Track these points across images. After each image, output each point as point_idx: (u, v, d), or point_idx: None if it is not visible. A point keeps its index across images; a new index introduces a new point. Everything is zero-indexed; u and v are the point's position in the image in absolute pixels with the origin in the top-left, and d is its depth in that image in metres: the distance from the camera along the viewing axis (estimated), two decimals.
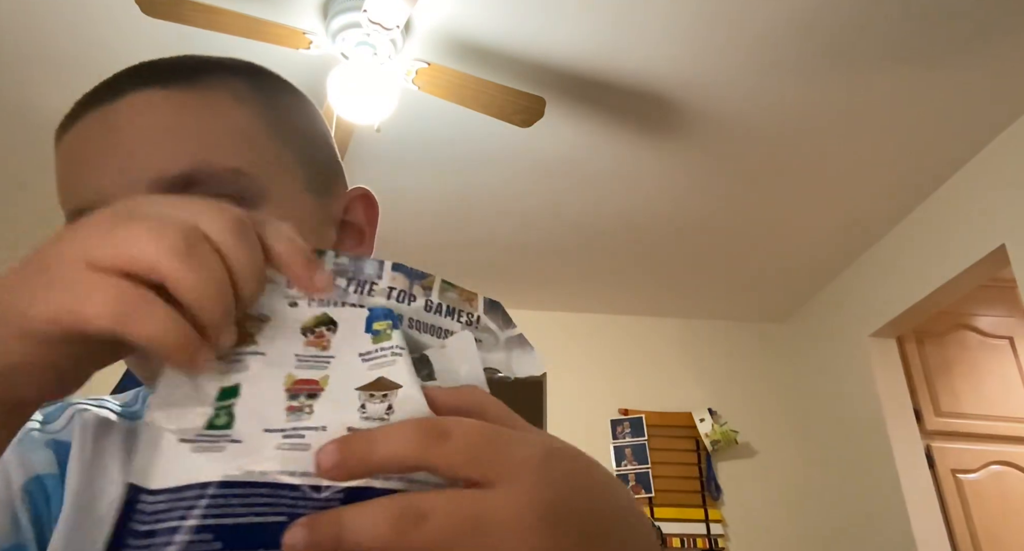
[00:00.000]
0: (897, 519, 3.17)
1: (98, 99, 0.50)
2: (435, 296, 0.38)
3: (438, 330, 0.38)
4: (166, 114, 0.48)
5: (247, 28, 2.13)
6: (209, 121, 0.49)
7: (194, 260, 0.29)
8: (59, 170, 0.51)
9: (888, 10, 2.26)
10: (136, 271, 0.29)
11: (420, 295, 0.38)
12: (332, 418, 0.31)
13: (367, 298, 0.36)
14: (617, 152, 2.88)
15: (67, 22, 2.31)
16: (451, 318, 0.39)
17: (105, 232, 0.29)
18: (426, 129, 2.77)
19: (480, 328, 0.39)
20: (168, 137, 0.47)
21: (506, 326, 0.41)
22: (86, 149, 0.49)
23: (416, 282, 0.38)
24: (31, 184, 3.08)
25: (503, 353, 0.40)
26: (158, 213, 0.30)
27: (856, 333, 3.54)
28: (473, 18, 2.30)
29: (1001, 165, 2.78)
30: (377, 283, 0.37)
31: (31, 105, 2.65)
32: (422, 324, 0.38)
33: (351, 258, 0.37)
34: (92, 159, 0.48)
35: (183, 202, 0.32)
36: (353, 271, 0.36)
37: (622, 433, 3.78)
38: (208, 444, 0.29)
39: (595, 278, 3.79)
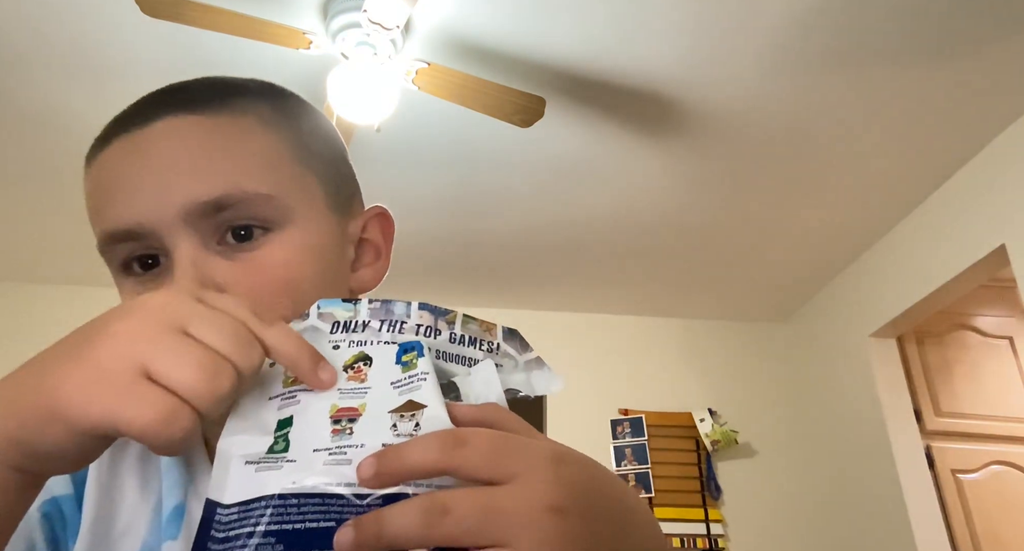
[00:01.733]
0: (897, 519, 3.17)
1: (129, 123, 0.52)
2: (458, 329, 0.43)
3: (463, 359, 0.43)
4: (197, 140, 0.50)
5: (247, 28, 2.13)
6: (238, 146, 0.51)
7: (214, 381, 0.35)
8: (90, 192, 0.52)
9: (887, 11, 2.26)
10: (173, 389, 0.34)
11: (445, 329, 0.43)
12: (369, 437, 0.36)
13: (398, 335, 0.42)
14: (617, 152, 2.88)
15: (67, 22, 2.31)
16: (474, 347, 0.44)
17: (154, 344, 0.34)
18: (426, 129, 2.77)
19: (500, 354, 0.45)
20: (200, 163, 0.49)
21: (524, 350, 0.46)
22: (118, 173, 0.50)
23: (440, 318, 0.43)
24: (32, 184, 3.08)
25: (523, 374, 0.45)
26: (190, 330, 0.35)
27: (856, 333, 3.54)
28: (473, 18, 2.30)
29: (1001, 165, 2.78)
30: (406, 321, 0.42)
31: (31, 105, 2.65)
32: (448, 355, 0.43)
33: (382, 302, 0.43)
34: (125, 183, 0.49)
35: (206, 316, 0.36)
36: (384, 313, 0.42)
37: (622, 433, 3.78)
38: (269, 465, 0.35)
39: (595, 278, 3.79)
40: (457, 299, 3.96)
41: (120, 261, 0.51)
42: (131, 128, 0.51)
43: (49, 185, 3.09)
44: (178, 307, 0.36)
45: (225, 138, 0.50)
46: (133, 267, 0.51)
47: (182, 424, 0.33)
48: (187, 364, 0.34)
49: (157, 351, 0.34)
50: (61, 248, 3.56)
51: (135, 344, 0.34)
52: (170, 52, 2.43)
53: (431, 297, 3.64)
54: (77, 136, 2.80)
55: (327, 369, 0.38)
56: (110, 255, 0.51)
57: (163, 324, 0.35)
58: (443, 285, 3.81)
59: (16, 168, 2.98)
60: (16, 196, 3.16)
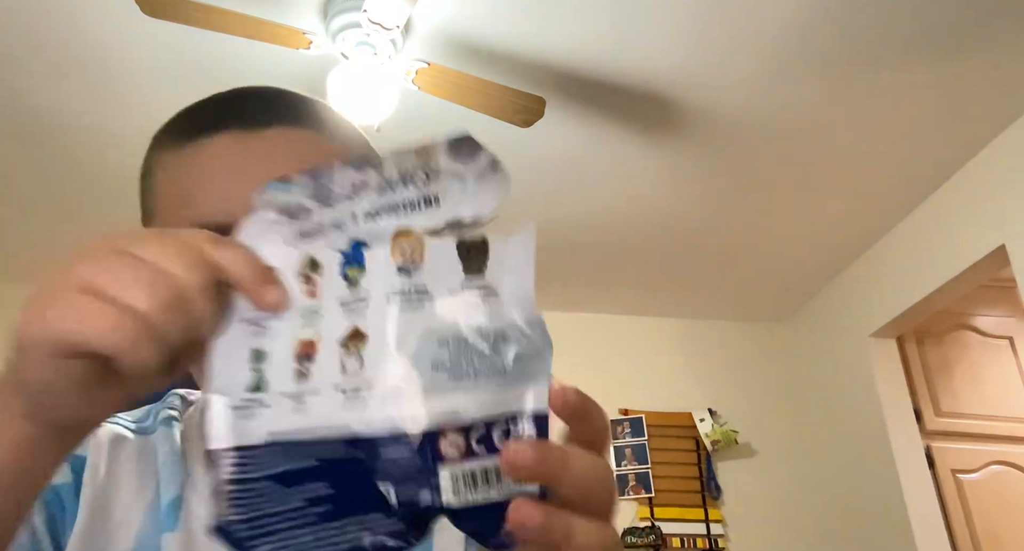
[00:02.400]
0: (897, 519, 3.17)
1: (239, 120, 0.53)
2: (390, 170, 0.36)
3: (397, 207, 0.37)
4: (309, 155, 0.52)
5: (247, 28, 2.13)
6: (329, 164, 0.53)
7: (157, 293, 0.34)
8: (179, 180, 0.53)
9: (887, 12, 2.26)
10: (120, 302, 0.33)
11: (375, 179, 0.36)
12: (325, 381, 0.34)
13: (334, 214, 0.37)
14: (617, 152, 2.88)
15: (67, 22, 2.31)
16: (410, 186, 0.36)
17: (97, 264, 0.35)
18: (426, 129, 2.76)
19: (441, 177, 0.37)
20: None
21: (472, 158, 0.38)
22: (224, 167, 0.52)
23: (368, 170, 0.37)
24: (33, 185, 3.08)
25: (473, 197, 0.38)
26: (135, 252, 0.35)
27: (856, 333, 3.54)
28: (473, 18, 2.30)
29: (1001, 165, 2.78)
30: (334, 192, 0.37)
31: (30, 105, 2.65)
32: (384, 210, 0.37)
33: (312, 177, 0.37)
34: (229, 179, 0.51)
35: (154, 240, 0.36)
36: (316, 188, 0.37)
37: (622, 433, 3.78)
38: (252, 410, 0.35)
39: (595, 278, 3.79)
40: None
41: None
42: (243, 127, 0.52)
43: (51, 185, 3.09)
44: (129, 236, 0.36)
45: (323, 156, 0.51)
46: None
47: (141, 335, 0.33)
48: (127, 277, 0.34)
49: (99, 269, 0.34)
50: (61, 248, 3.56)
51: (81, 266, 0.35)
52: (170, 52, 2.43)
53: None
54: (77, 136, 2.80)
55: (273, 291, 0.36)
56: None
57: (109, 249, 0.35)
58: None
59: (17, 168, 2.98)
60: (18, 196, 3.16)
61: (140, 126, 2.76)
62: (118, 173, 3.02)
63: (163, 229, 0.38)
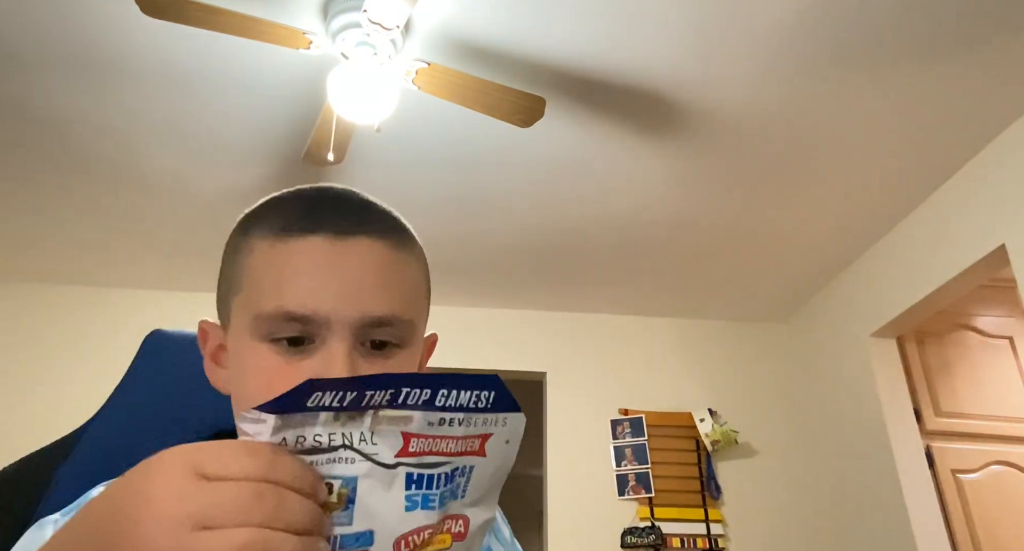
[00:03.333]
0: (897, 519, 3.17)
1: (335, 228, 0.60)
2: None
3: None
4: (385, 268, 0.61)
5: (247, 28, 2.13)
6: (405, 279, 0.62)
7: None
8: (274, 269, 0.60)
9: (887, 11, 2.26)
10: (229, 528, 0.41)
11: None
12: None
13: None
14: (617, 152, 2.88)
15: (66, 22, 2.31)
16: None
17: (193, 498, 0.41)
18: (426, 129, 2.77)
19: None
20: (384, 287, 0.60)
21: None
22: (316, 267, 0.59)
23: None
24: (34, 185, 3.08)
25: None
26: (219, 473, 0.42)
27: (856, 333, 3.54)
28: (473, 18, 2.30)
29: (1001, 165, 2.78)
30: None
31: (32, 106, 2.65)
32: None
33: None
34: (322, 278, 0.58)
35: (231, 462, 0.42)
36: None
37: (622, 433, 3.78)
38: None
39: (595, 278, 3.79)
40: (457, 299, 3.96)
41: (277, 334, 0.58)
42: (336, 233, 0.60)
43: (53, 186, 3.09)
44: (202, 456, 0.42)
45: (396, 270, 0.62)
46: (282, 340, 0.58)
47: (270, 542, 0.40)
48: (228, 502, 0.40)
49: (199, 503, 0.41)
50: (66, 248, 3.56)
51: (179, 501, 0.41)
52: (170, 52, 2.43)
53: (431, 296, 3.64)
54: (78, 137, 2.80)
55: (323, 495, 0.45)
56: (272, 327, 0.58)
57: (191, 474, 0.42)
58: (443, 285, 3.81)
59: (19, 169, 2.98)
60: (20, 197, 3.16)
61: (141, 126, 2.76)
62: (119, 173, 3.02)
63: (224, 443, 0.43)
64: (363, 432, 0.42)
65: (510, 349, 3.98)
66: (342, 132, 2.48)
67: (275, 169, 2.99)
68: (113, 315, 3.78)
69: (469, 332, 3.96)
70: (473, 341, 3.95)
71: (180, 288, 3.87)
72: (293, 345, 0.58)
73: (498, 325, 4.03)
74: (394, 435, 0.43)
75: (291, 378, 0.54)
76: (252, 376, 0.59)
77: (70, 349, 3.69)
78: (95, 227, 3.37)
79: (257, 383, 0.58)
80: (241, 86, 2.57)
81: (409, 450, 0.43)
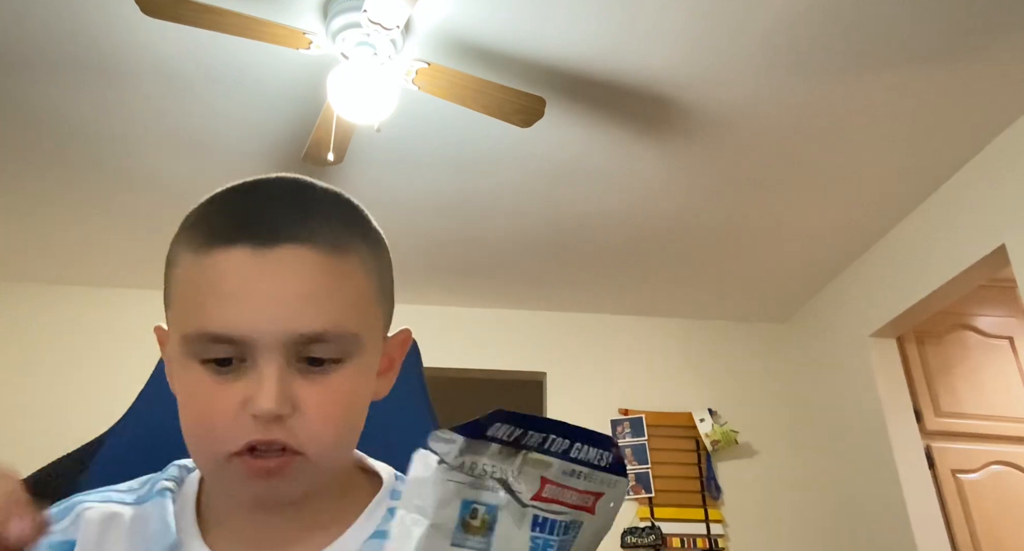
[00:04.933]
0: (897, 519, 3.17)
1: (253, 237, 0.55)
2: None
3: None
4: (316, 278, 0.56)
5: (247, 28, 2.13)
6: (342, 289, 0.57)
7: None
8: (194, 285, 0.56)
9: (887, 11, 2.26)
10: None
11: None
12: None
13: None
14: (617, 152, 2.88)
15: (66, 22, 2.31)
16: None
17: None
18: (426, 129, 2.77)
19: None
20: (314, 301, 0.55)
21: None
22: (237, 284, 0.55)
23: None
24: (35, 186, 3.08)
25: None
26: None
27: (856, 333, 3.54)
28: (473, 18, 2.30)
29: (1001, 165, 2.78)
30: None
31: (33, 107, 2.65)
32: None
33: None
34: (243, 296, 0.54)
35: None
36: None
37: (622, 433, 3.78)
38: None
39: (595, 278, 3.79)
40: (457, 299, 3.96)
41: (202, 356, 0.55)
42: (256, 243, 0.55)
43: (52, 186, 3.09)
44: None
45: (333, 279, 0.56)
46: (211, 362, 0.56)
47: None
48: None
49: None
50: (66, 248, 3.56)
51: None
52: (170, 52, 2.43)
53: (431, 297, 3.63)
54: (78, 137, 2.80)
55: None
56: (196, 347, 0.55)
57: None
58: (443, 285, 3.81)
59: (19, 169, 2.98)
60: (20, 197, 3.16)
61: (141, 126, 2.76)
62: (118, 173, 3.02)
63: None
64: (512, 470, 0.44)
65: (510, 349, 3.98)
66: (342, 132, 2.48)
67: (275, 169, 2.98)
68: (113, 315, 3.78)
69: (469, 332, 3.96)
70: (473, 341, 3.95)
71: None
72: (223, 366, 0.55)
73: (498, 325, 4.03)
74: (534, 478, 0.44)
75: (224, 402, 0.54)
76: (188, 398, 0.56)
77: (70, 349, 3.69)
78: (95, 227, 3.37)
79: (194, 407, 0.56)
80: (241, 86, 2.57)
81: (542, 495, 0.44)
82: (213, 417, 0.54)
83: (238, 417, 0.53)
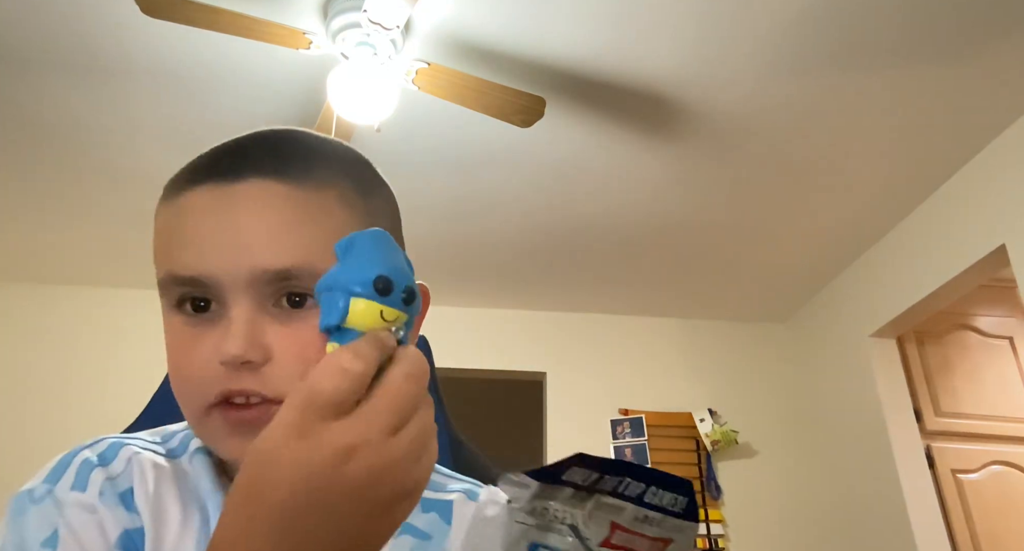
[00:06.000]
0: (897, 519, 3.16)
1: (217, 173, 0.53)
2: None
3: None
4: (279, 211, 0.52)
5: (247, 28, 2.13)
6: (314, 222, 0.53)
7: None
8: (164, 228, 0.54)
9: (887, 11, 2.26)
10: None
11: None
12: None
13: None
14: (616, 152, 2.88)
15: (66, 22, 2.31)
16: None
17: None
18: (426, 129, 2.77)
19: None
20: (280, 235, 0.51)
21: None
22: (199, 222, 0.52)
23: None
24: (36, 186, 3.08)
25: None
26: None
27: (856, 333, 3.53)
28: (473, 18, 2.30)
29: (1001, 165, 2.78)
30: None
31: (32, 107, 2.65)
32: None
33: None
34: (207, 236, 0.51)
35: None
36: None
37: (622, 433, 3.78)
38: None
39: (595, 278, 3.79)
40: (457, 299, 3.96)
41: (176, 299, 0.53)
42: (219, 179, 0.52)
43: (53, 186, 3.09)
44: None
45: (304, 213, 0.53)
46: (185, 306, 0.53)
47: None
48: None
49: None
50: (67, 248, 3.56)
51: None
52: (170, 52, 2.43)
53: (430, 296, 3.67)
54: (78, 137, 2.80)
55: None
56: (168, 292, 0.53)
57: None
58: (443, 285, 3.81)
59: (19, 170, 2.98)
60: (20, 197, 3.16)
61: (141, 126, 2.76)
62: (118, 173, 3.02)
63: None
64: (583, 514, 0.43)
65: (510, 349, 3.98)
66: (342, 132, 2.48)
67: None
68: (113, 315, 3.78)
69: (469, 332, 3.96)
70: (473, 341, 3.95)
71: None
72: (199, 311, 0.52)
73: (498, 325, 4.03)
74: (605, 523, 0.43)
75: (197, 352, 0.51)
76: (169, 350, 0.53)
77: (70, 349, 3.69)
78: (95, 227, 3.37)
79: (172, 359, 0.53)
80: (241, 86, 2.57)
81: (611, 541, 0.43)
82: (188, 367, 0.52)
83: (210, 365, 0.50)
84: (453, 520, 0.62)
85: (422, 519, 0.61)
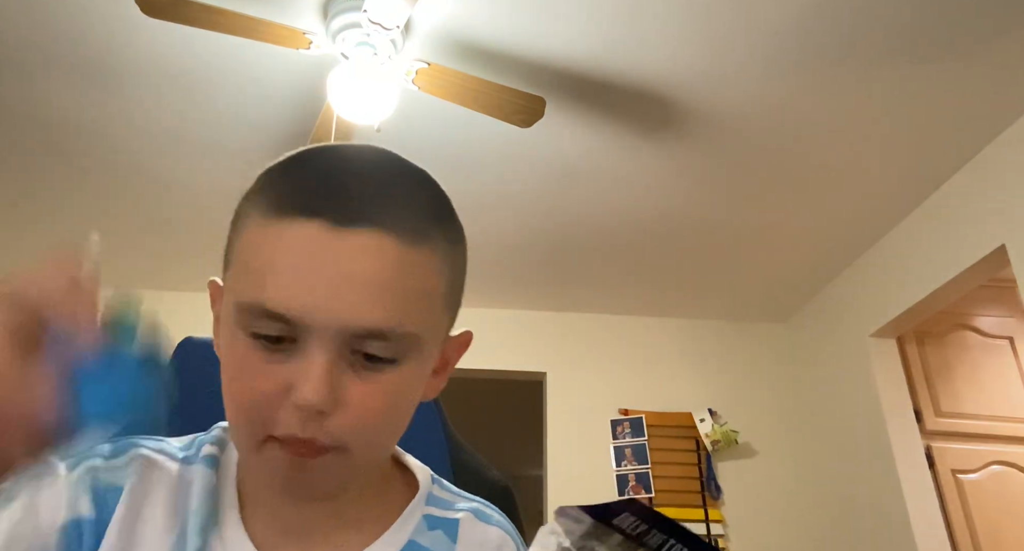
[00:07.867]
0: (897, 519, 3.17)
1: (331, 210, 0.51)
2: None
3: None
4: (388, 271, 0.51)
5: (247, 28, 2.13)
6: (415, 287, 0.53)
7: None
8: (260, 254, 0.52)
9: (888, 10, 2.26)
10: None
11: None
12: None
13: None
14: (617, 152, 2.88)
15: (66, 23, 2.31)
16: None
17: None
18: (426, 129, 2.77)
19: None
20: (382, 295, 0.51)
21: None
22: (305, 263, 0.50)
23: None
24: (36, 186, 3.08)
25: None
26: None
27: (856, 333, 3.54)
28: (473, 18, 2.30)
29: (1001, 165, 2.78)
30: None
31: (32, 108, 2.65)
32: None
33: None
34: (308, 278, 0.50)
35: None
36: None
37: (622, 433, 3.78)
38: None
39: (595, 278, 3.79)
40: None
41: (255, 329, 0.51)
42: (332, 220, 0.51)
43: (53, 187, 3.09)
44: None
45: (409, 276, 0.52)
46: (261, 337, 0.52)
47: None
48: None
49: None
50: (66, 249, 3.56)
51: None
52: (170, 53, 2.43)
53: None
54: (78, 137, 2.80)
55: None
56: (245, 318, 0.51)
57: None
58: None
59: (19, 171, 2.98)
60: (20, 198, 3.16)
61: (140, 126, 2.76)
62: (118, 174, 3.02)
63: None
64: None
65: (510, 349, 3.97)
66: (342, 132, 2.48)
67: None
68: None
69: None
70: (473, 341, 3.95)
71: (179, 288, 3.87)
72: (272, 343, 0.51)
73: (498, 325, 4.02)
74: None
75: (267, 383, 0.50)
76: (233, 370, 0.53)
77: None
78: (94, 228, 3.37)
79: (237, 381, 0.52)
80: (241, 86, 2.57)
81: None
82: (255, 396, 0.51)
83: (280, 402, 0.50)
84: (459, 540, 0.62)
85: (428, 536, 0.61)
